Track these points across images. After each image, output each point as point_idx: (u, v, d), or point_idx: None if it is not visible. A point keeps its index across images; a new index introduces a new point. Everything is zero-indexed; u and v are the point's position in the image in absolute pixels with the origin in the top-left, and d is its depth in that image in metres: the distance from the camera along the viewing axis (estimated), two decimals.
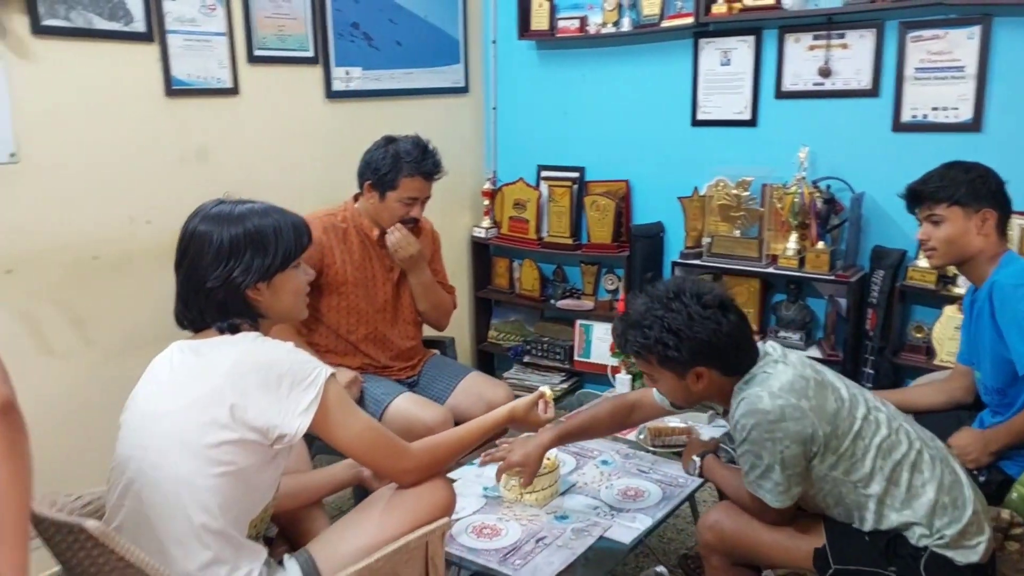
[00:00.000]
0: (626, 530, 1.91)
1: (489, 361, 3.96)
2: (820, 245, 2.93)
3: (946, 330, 2.77)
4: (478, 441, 1.76)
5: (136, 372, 1.69)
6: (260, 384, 1.38)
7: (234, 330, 1.47)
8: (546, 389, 1.93)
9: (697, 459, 2.05)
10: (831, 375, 1.76)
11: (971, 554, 1.63)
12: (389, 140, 2.44)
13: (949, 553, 1.63)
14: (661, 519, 1.99)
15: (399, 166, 2.39)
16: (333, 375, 1.46)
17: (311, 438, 2.60)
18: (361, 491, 1.95)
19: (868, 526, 1.68)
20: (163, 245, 2.59)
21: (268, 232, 1.48)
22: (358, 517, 1.58)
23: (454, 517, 1.91)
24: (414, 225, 2.52)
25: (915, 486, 1.66)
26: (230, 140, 2.77)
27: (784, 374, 1.66)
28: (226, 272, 1.44)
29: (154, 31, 2.49)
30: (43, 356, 2.35)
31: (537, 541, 1.86)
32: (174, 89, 2.57)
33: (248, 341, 1.46)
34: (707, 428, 2.39)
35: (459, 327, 3.72)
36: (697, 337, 1.65)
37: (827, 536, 1.72)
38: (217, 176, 2.73)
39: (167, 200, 2.60)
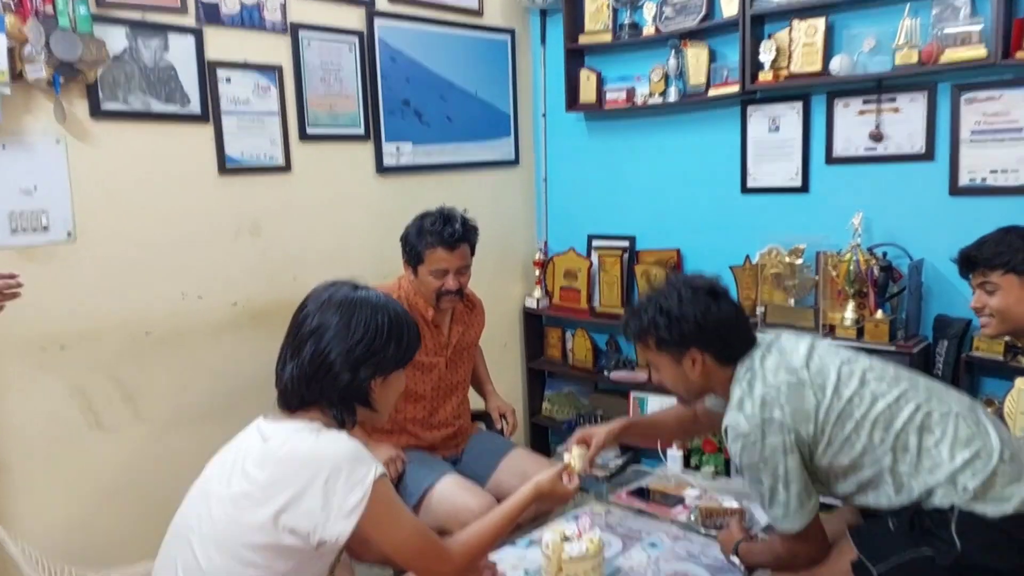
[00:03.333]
0: None
1: (543, 434, 3.88)
2: (879, 314, 2.81)
3: (1018, 404, 2.59)
4: (510, 527, 1.72)
5: (185, 446, 1.73)
6: (309, 481, 1.33)
7: (341, 422, 1.46)
8: (570, 456, 1.92)
9: (735, 558, 1.96)
10: (823, 357, 1.77)
11: (1005, 506, 1.58)
12: (423, 215, 2.45)
13: (979, 507, 1.59)
14: None
15: (422, 238, 2.39)
16: (384, 475, 1.41)
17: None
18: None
19: (895, 501, 1.67)
20: (214, 320, 2.66)
21: (403, 325, 1.49)
22: None
23: None
24: (461, 299, 2.51)
25: (926, 448, 1.66)
26: (282, 216, 2.83)
27: (754, 392, 1.72)
28: (364, 358, 1.43)
29: (209, 112, 2.59)
30: (94, 430, 2.40)
31: None
32: (228, 168, 2.65)
33: (309, 431, 1.41)
34: (761, 510, 2.28)
35: (513, 399, 3.67)
36: (686, 317, 1.76)
37: (855, 544, 1.70)
38: (269, 251, 2.80)
39: (219, 275, 2.67)
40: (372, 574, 2.79)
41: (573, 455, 1.97)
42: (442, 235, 2.38)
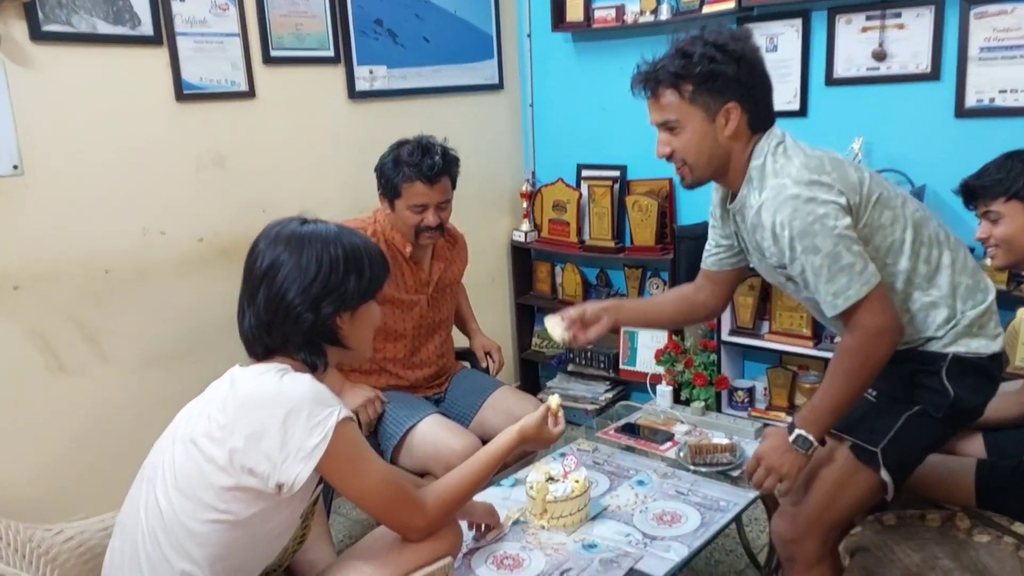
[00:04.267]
0: (659, 561, 1.74)
1: (533, 370, 3.82)
2: None
3: (1019, 334, 2.52)
4: (490, 476, 1.62)
5: (155, 389, 1.63)
6: (267, 421, 1.27)
7: (312, 365, 1.38)
8: (552, 401, 1.79)
9: (803, 433, 1.65)
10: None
11: (993, 344, 1.66)
12: (399, 144, 2.30)
13: (973, 344, 1.64)
14: (698, 548, 1.81)
15: (399, 171, 2.24)
16: (349, 419, 1.34)
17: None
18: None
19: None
20: (180, 256, 2.53)
21: (362, 256, 1.40)
22: (359, 556, 1.47)
23: (476, 544, 1.80)
24: (442, 235, 2.38)
25: (944, 264, 1.67)
26: (248, 145, 2.67)
27: (794, 160, 1.61)
28: (323, 295, 1.35)
29: (163, 34, 2.40)
30: (54, 374, 2.28)
31: (562, 574, 1.70)
32: (186, 94, 2.48)
33: (274, 373, 1.34)
34: (752, 444, 2.21)
35: (501, 335, 3.59)
36: (742, 55, 1.59)
37: (844, 431, 1.70)
38: (235, 183, 2.65)
39: (182, 209, 2.53)
40: (362, 518, 2.75)
41: (548, 325, 1.84)
42: (421, 168, 2.22)
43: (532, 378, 3.79)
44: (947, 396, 1.63)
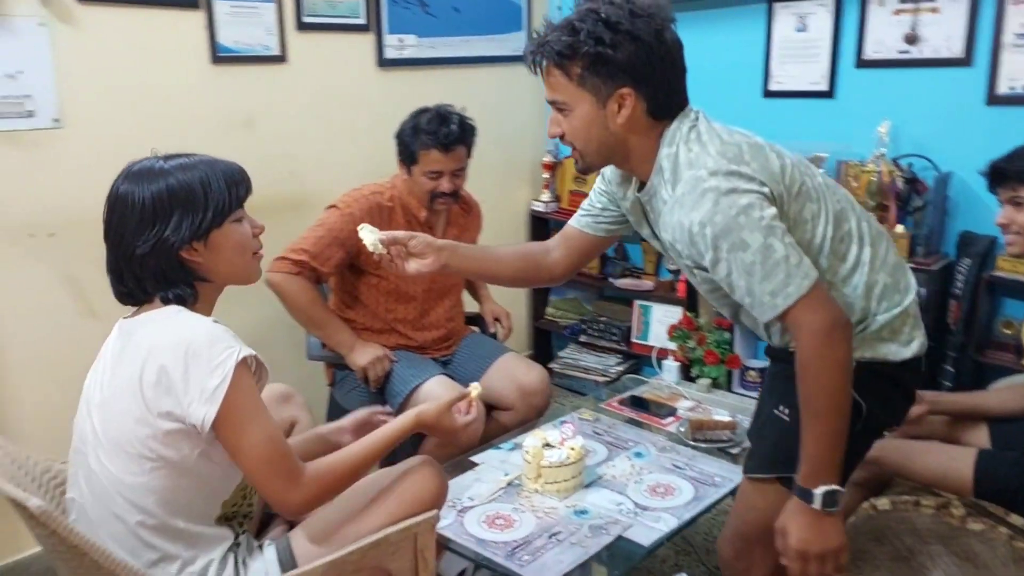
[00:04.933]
0: (647, 531, 1.79)
1: (546, 339, 3.86)
2: (899, 229, 2.69)
3: None
4: (379, 457, 1.51)
5: None
6: (171, 366, 1.26)
7: (180, 300, 1.36)
8: (473, 389, 1.72)
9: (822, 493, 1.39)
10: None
11: (904, 351, 1.48)
12: (419, 112, 2.35)
13: (882, 349, 1.47)
14: (688, 521, 1.86)
15: (417, 138, 2.30)
16: (246, 360, 1.29)
17: (342, 411, 2.59)
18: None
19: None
20: None
21: (195, 186, 1.34)
22: (345, 503, 1.50)
23: (471, 503, 1.87)
24: (456, 201, 2.44)
25: (863, 261, 1.47)
26: (277, 109, 2.74)
27: (709, 148, 1.39)
28: (155, 234, 1.31)
29: None
30: (85, 318, 2.40)
31: (550, 536, 1.76)
32: (220, 56, 2.56)
33: (169, 316, 1.34)
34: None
35: (515, 303, 3.64)
36: (637, 35, 1.36)
37: (759, 466, 1.56)
38: (263, 144, 2.72)
39: None
40: None
41: (362, 231, 1.63)
42: (437, 135, 2.28)
43: (545, 348, 3.83)
44: (859, 410, 1.41)
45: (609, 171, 1.67)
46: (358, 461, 1.45)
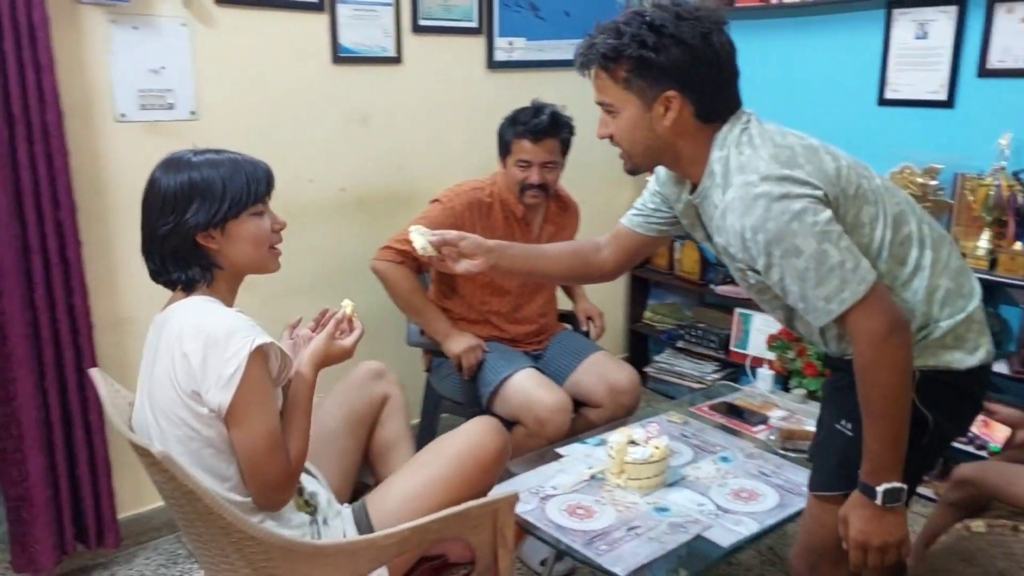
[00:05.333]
0: (727, 533, 1.80)
1: (642, 343, 3.87)
2: (1017, 246, 2.57)
3: None
4: (310, 412, 1.54)
5: (292, 313, 1.85)
6: (191, 353, 1.35)
7: (189, 284, 1.45)
8: (346, 306, 1.67)
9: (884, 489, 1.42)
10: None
11: (969, 358, 1.44)
12: (519, 108, 2.45)
13: (945, 357, 1.44)
14: (770, 527, 1.86)
15: (511, 129, 2.40)
16: (261, 348, 1.37)
17: (437, 395, 2.68)
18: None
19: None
20: (323, 202, 2.79)
21: (215, 181, 1.43)
22: (411, 467, 1.62)
23: (553, 492, 1.92)
24: (546, 195, 2.50)
25: (923, 265, 1.44)
26: (391, 107, 2.88)
27: (761, 151, 1.38)
28: (174, 219, 1.42)
29: (325, 1, 2.63)
30: None
31: (629, 529, 1.80)
32: (341, 56, 2.71)
33: (194, 306, 1.43)
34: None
35: (613, 305, 3.67)
36: (682, 38, 1.37)
37: (824, 483, 1.55)
38: (377, 140, 2.87)
39: (329, 161, 2.77)
40: None
41: (413, 232, 1.66)
42: (528, 125, 2.38)
43: (641, 351, 3.83)
44: (926, 424, 1.41)
45: (663, 172, 1.68)
46: (304, 423, 1.50)
